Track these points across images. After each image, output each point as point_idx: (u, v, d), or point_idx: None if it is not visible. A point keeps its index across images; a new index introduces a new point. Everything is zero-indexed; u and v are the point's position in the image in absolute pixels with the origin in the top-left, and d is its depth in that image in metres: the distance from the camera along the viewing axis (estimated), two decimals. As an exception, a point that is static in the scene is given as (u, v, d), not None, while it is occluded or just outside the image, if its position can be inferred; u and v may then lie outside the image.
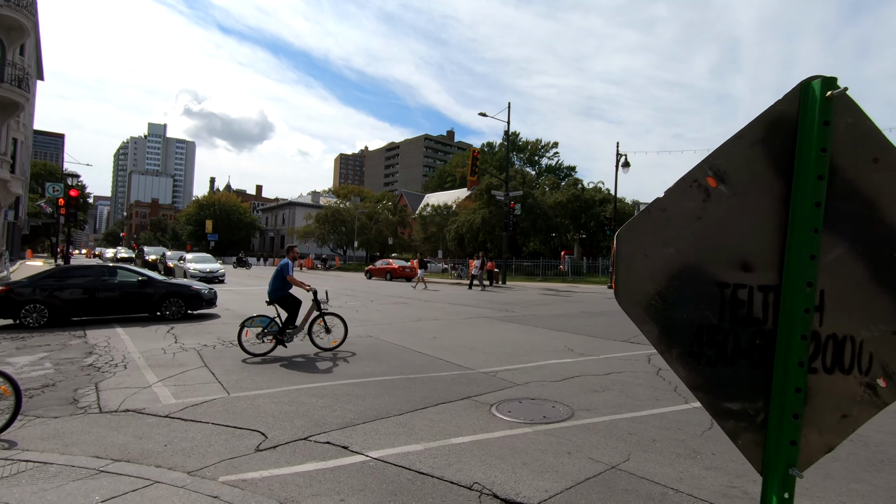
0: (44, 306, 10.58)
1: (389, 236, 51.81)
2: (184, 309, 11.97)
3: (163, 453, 3.81)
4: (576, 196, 36.54)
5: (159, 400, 5.22)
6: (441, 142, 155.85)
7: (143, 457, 3.74)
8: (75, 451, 3.84)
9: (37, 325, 10.32)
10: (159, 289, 11.98)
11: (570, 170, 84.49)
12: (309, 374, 6.27)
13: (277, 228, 78.51)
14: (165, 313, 11.74)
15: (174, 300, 11.94)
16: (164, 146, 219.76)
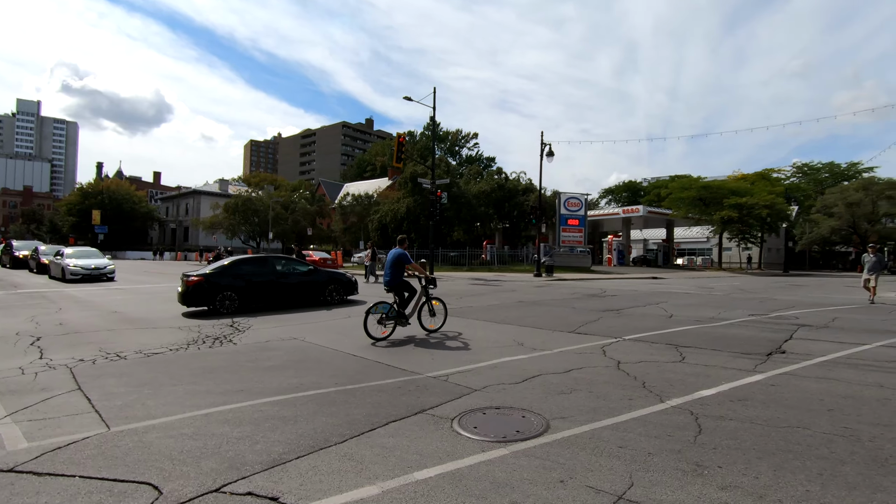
0: (235, 294, 11.60)
1: (308, 227, 49.12)
2: (343, 295, 13.39)
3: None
4: (500, 185, 36.77)
5: (3, 444, 3.80)
6: (360, 130, 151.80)
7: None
8: None
9: (229, 312, 11.33)
10: (321, 277, 13.23)
11: (490, 160, 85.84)
12: (219, 394, 5.06)
13: (180, 219, 71.76)
14: (328, 299, 13.02)
15: (335, 287, 13.26)
16: (38, 126, 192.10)
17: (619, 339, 7.94)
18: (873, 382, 5.38)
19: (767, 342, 7.72)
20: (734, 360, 6.43)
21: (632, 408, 4.53)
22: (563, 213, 34.49)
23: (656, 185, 65.42)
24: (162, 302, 13.69)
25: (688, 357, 6.61)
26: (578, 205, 35.08)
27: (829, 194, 59.35)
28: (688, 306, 12.83)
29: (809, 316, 10.95)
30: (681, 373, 5.79)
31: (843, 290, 19.33)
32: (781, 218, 43.75)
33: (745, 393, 4.99)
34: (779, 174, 63.58)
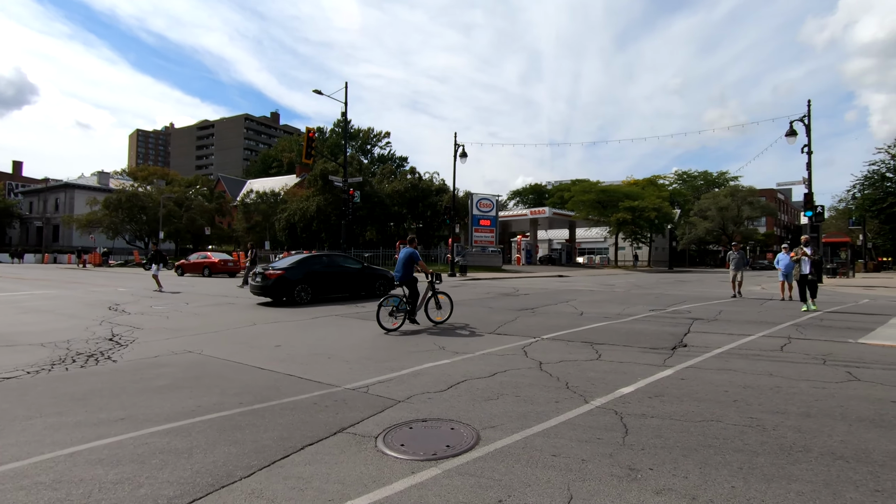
0: (309, 287, 13.17)
1: (205, 225, 45.28)
2: (388, 289, 14.60)
3: None
4: (413, 185, 36.59)
5: None
6: (265, 123, 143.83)
7: None
8: None
9: (304, 303, 12.93)
10: (369, 271, 15.01)
11: (403, 160, 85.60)
12: (92, 426, 4.21)
13: (48, 216, 62.78)
14: (376, 292, 14.50)
15: (382, 282, 14.94)
16: None
17: (538, 338, 8.03)
18: (764, 371, 5.89)
19: (670, 336, 8.25)
20: (645, 356, 6.74)
21: (559, 411, 4.48)
22: (475, 213, 35.16)
23: (560, 188, 69.37)
24: (22, 313, 11.62)
25: (603, 354, 6.82)
26: (490, 206, 35.98)
27: (705, 199, 67.03)
28: (595, 303, 13.50)
29: (699, 310, 12.01)
30: (600, 371, 5.92)
31: (720, 286, 21.69)
32: (667, 220, 48.38)
33: (660, 388, 5.18)
34: (664, 180, 70.50)
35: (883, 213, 36.70)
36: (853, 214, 46.67)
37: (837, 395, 4.97)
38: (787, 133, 22.84)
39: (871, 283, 23.39)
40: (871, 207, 37.49)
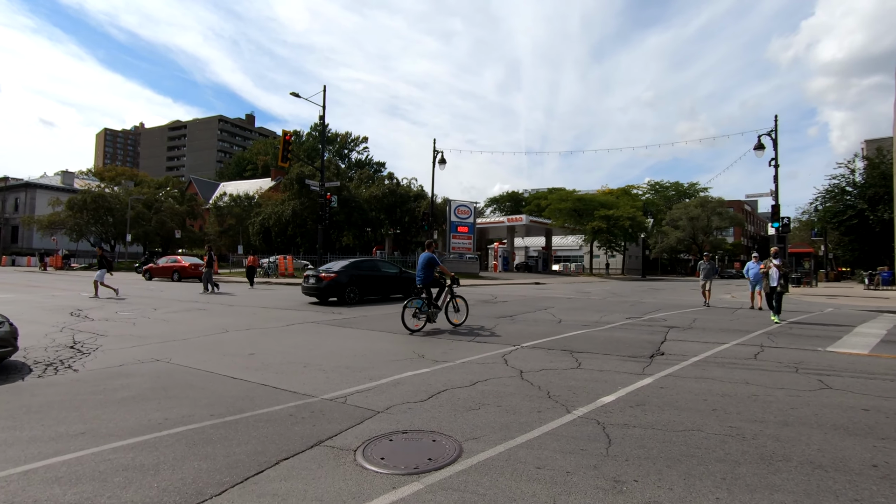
0: (357, 288, 14.54)
1: (176, 228, 44.03)
2: None
3: None
4: (391, 191, 36.40)
5: None
6: (239, 125, 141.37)
7: None
8: None
9: (352, 303, 14.27)
10: (405, 276, 16.05)
11: (380, 165, 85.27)
12: (48, 440, 3.94)
13: (6, 217, 60.12)
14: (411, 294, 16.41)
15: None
16: None
17: (518, 346, 8.00)
18: (740, 380, 5.97)
19: (648, 344, 8.33)
20: (624, 364, 6.76)
21: (542, 421, 4.42)
22: (453, 220, 35.17)
23: (536, 196, 70.20)
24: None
25: (583, 363, 6.82)
26: (468, 213, 36.06)
27: (676, 209, 68.77)
28: (573, 310, 13.59)
29: (674, 318, 12.21)
30: (580, 379, 5.90)
31: (691, 294, 22.17)
32: (641, 229, 49.35)
33: (641, 397, 5.18)
34: (637, 190, 72.09)
35: (843, 225, 38.29)
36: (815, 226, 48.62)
37: (812, 403, 5.06)
38: (756, 146, 23.62)
39: (833, 293, 24.30)
40: (832, 219, 39.08)
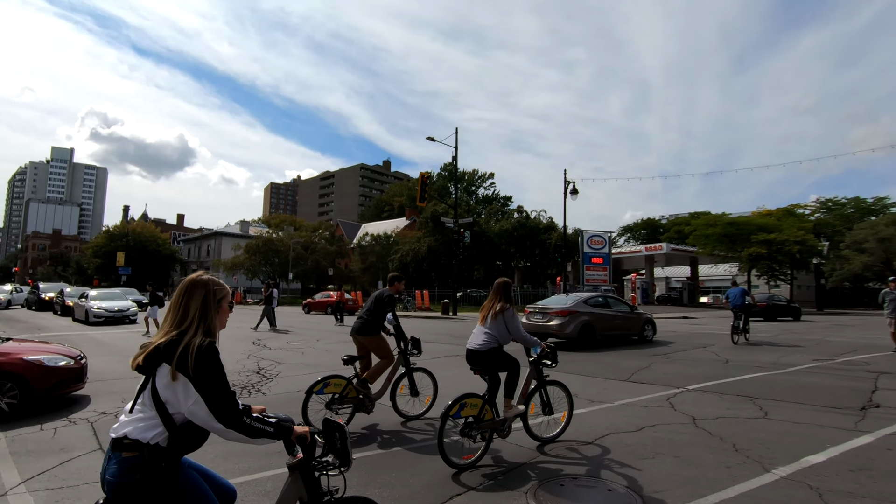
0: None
1: (328, 267, 49.16)
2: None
3: None
4: (521, 224, 36.47)
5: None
6: (377, 171, 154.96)
7: None
8: None
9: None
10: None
11: (507, 199, 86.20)
12: (255, 457, 4.49)
13: (202, 260, 72.73)
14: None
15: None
16: (70, 172, 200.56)
17: (682, 389, 7.22)
18: None
19: (851, 393, 6.93)
20: (825, 416, 5.68)
21: (734, 479, 3.86)
22: (586, 251, 33.86)
23: (676, 221, 64.61)
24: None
25: (770, 412, 5.88)
26: (602, 243, 34.47)
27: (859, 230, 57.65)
28: (739, 349, 11.96)
29: (880, 361, 10.04)
30: (771, 432, 5.08)
31: None
32: (813, 254, 42.40)
33: (863, 460, 4.26)
34: (804, 210, 62.35)
35: None
36: None
37: None
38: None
39: None
40: None
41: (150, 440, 1.80)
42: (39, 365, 6.35)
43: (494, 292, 4.80)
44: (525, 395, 4.80)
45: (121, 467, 1.78)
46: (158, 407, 1.83)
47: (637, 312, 14.43)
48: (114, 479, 1.78)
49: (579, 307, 12.69)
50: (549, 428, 4.92)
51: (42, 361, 6.41)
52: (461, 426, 4.22)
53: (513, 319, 4.66)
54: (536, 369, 4.90)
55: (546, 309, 12.89)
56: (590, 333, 12.42)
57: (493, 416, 4.36)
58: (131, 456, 1.79)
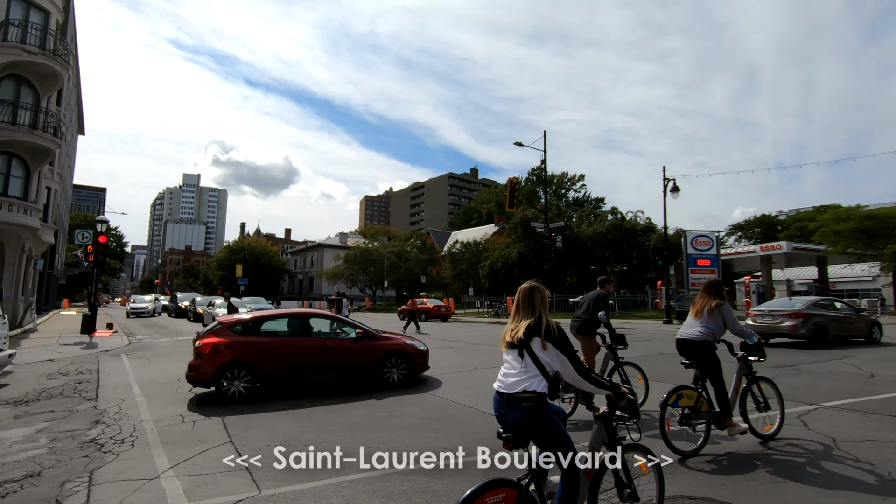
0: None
1: (421, 275, 50.66)
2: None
3: None
4: (616, 226, 34.76)
5: (166, 501, 3.78)
6: (465, 179, 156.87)
7: None
8: None
9: None
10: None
11: (599, 201, 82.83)
12: (364, 456, 4.71)
13: (306, 271, 78.47)
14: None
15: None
16: (197, 195, 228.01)
17: (816, 405, 6.38)
18: None
19: None
20: None
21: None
22: (691, 252, 31.39)
23: (797, 217, 57.65)
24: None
25: (935, 436, 5.00)
26: (708, 243, 31.75)
27: None
28: (887, 362, 10.33)
29: None
30: (939, 460, 4.31)
31: None
32: (981, 250, 35.45)
33: None
34: (967, 197, 52.44)
35: None
36: None
37: None
38: None
39: None
40: None
41: (540, 390, 2.62)
42: (418, 349, 8.72)
43: (706, 290, 5.05)
44: (737, 391, 5.03)
45: (525, 412, 2.62)
46: (539, 367, 2.65)
47: (863, 314, 14.91)
48: (520, 421, 2.62)
49: (812, 309, 13.23)
50: (765, 424, 5.08)
51: (417, 346, 8.74)
52: (679, 416, 4.57)
53: (729, 314, 4.86)
54: (746, 364, 5.08)
55: (775, 311, 13.67)
56: (823, 334, 12.94)
57: (709, 406, 4.70)
58: (529, 405, 2.61)
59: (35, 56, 17.36)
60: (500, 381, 2.74)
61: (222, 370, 7.41)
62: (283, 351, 7.91)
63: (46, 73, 18.04)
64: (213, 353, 7.46)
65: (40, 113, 18.04)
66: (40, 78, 18.10)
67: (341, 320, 8.96)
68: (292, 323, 8.40)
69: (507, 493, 2.50)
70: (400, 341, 8.75)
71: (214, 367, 7.39)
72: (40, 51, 17.54)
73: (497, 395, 2.75)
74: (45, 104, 18.45)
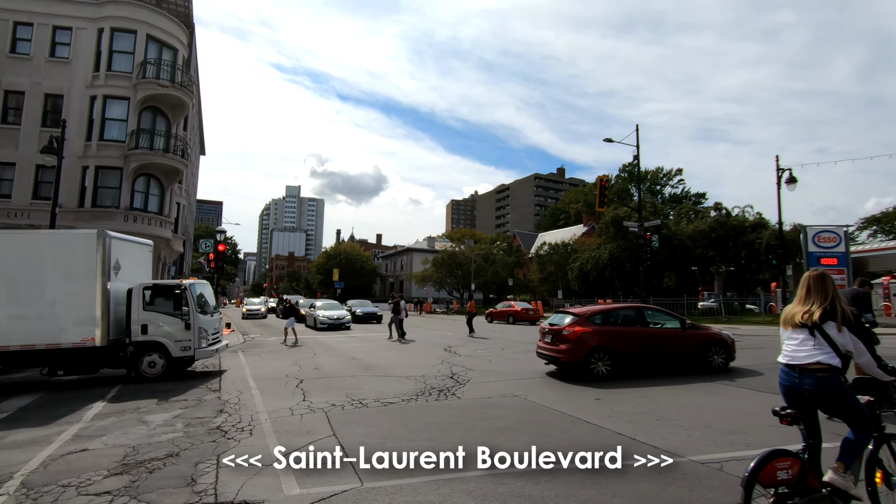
0: None
1: (507, 277, 50.41)
2: None
3: None
4: (720, 223, 31.97)
5: (281, 489, 4.14)
6: (552, 179, 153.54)
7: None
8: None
9: None
10: None
11: (699, 197, 76.71)
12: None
13: (396, 274, 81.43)
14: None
15: None
16: (298, 205, 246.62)
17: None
18: None
19: None
20: None
21: None
22: (812, 250, 27.94)
23: (953, 207, 49.01)
24: (385, 349, 15.01)
25: None
26: (835, 240, 28.05)
27: None
28: None
29: None
30: None
31: None
32: None
33: None
34: None
35: None
36: None
37: None
38: None
39: None
40: None
41: (833, 363, 2.99)
42: (732, 338, 10.09)
43: None
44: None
45: (819, 381, 2.99)
46: (832, 346, 3.01)
47: None
48: (815, 388, 2.99)
49: None
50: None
51: (730, 336, 10.17)
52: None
53: None
54: None
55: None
56: None
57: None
58: (824, 375, 2.99)
59: (167, 89, 19.95)
60: (789, 355, 3.17)
61: (590, 353, 9.08)
62: (631, 338, 9.51)
63: (176, 102, 20.66)
64: (582, 339, 9.14)
65: (171, 138, 20.67)
66: (171, 107, 20.76)
67: (667, 313, 10.52)
68: (632, 315, 10.05)
69: (791, 462, 2.99)
70: (717, 331, 10.21)
71: (584, 350, 9.07)
72: (171, 84, 20.13)
73: (786, 367, 3.19)
74: (174, 130, 21.12)
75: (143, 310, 10.20)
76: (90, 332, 9.58)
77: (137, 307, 10.17)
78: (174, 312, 10.39)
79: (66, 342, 9.50)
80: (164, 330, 10.29)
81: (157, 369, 10.19)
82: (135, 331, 10.12)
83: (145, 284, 10.47)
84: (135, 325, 10.13)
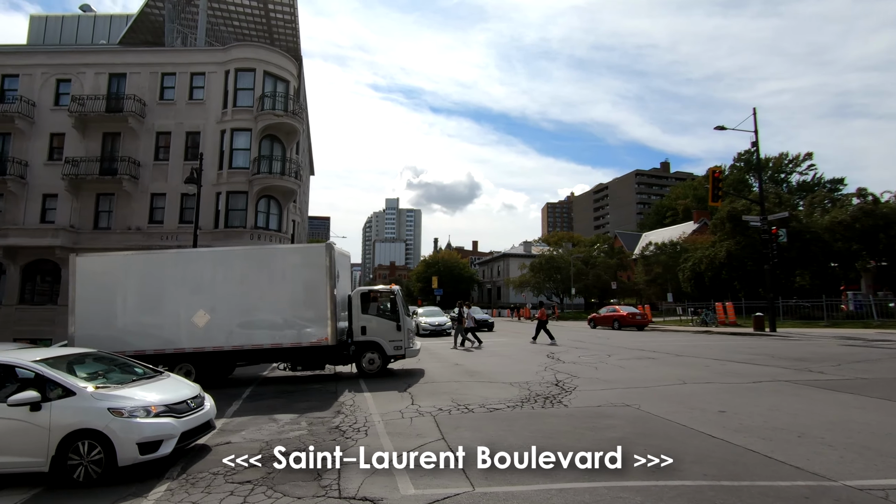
0: None
1: (611, 280, 48.08)
2: None
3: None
4: (866, 211, 27.58)
5: (397, 488, 4.35)
6: (655, 175, 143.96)
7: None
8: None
9: None
10: None
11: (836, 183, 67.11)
12: (567, 469, 4.67)
13: (493, 280, 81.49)
14: None
15: None
16: (397, 216, 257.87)
17: None
18: None
19: None
20: None
21: None
22: None
23: None
24: (488, 356, 15.04)
25: None
26: None
27: None
28: None
29: None
30: None
31: None
32: None
33: None
34: None
35: None
36: None
37: None
38: None
39: None
40: None
41: None
42: None
43: None
44: None
45: None
46: None
47: None
48: None
49: None
50: None
51: None
52: None
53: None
54: None
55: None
56: None
57: None
58: None
59: (282, 118, 22.12)
60: None
61: None
62: None
63: (289, 129, 22.80)
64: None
65: (286, 162, 22.84)
66: (285, 134, 22.94)
67: None
68: None
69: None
70: None
71: None
72: (285, 113, 22.28)
73: None
74: (288, 154, 23.31)
75: (362, 313, 11.49)
76: (324, 332, 10.86)
77: (357, 310, 11.48)
78: (387, 315, 11.61)
79: (305, 341, 10.89)
80: (380, 330, 11.51)
81: (375, 366, 11.50)
82: (356, 331, 11.45)
83: (363, 290, 11.83)
84: (356, 326, 11.43)
